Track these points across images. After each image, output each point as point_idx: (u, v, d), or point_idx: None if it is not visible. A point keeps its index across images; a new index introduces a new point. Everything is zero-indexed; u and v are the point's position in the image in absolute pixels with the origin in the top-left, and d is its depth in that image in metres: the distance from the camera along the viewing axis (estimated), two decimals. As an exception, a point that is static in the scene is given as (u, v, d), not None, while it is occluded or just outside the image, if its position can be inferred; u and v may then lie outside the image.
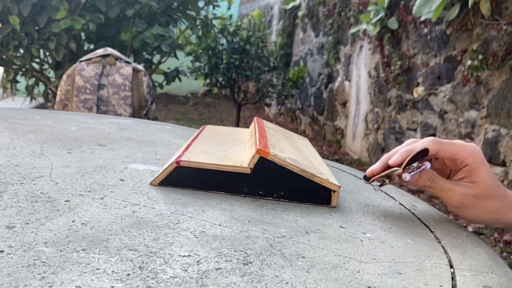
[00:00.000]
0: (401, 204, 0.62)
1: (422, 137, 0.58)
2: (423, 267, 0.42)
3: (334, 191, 0.55)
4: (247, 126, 4.98)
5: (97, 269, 0.35)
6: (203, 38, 4.37)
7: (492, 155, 2.51)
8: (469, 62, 2.59)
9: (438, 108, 3.00)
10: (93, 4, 3.52)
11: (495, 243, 2.28)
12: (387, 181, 0.56)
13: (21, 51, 3.69)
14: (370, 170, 0.55)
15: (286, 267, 0.39)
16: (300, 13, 5.26)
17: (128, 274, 0.34)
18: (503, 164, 2.44)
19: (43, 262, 0.35)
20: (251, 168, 0.55)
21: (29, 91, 3.94)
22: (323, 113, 4.80)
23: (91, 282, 0.33)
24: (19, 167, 0.58)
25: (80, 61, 2.30)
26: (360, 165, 3.81)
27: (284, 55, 5.54)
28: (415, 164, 0.52)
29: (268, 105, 6.47)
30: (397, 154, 0.53)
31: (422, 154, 0.52)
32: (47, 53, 3.76)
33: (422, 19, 2.86)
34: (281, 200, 0.56)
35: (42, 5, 3.36)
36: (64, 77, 2.29)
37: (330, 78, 4.64)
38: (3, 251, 0.36)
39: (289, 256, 0.41)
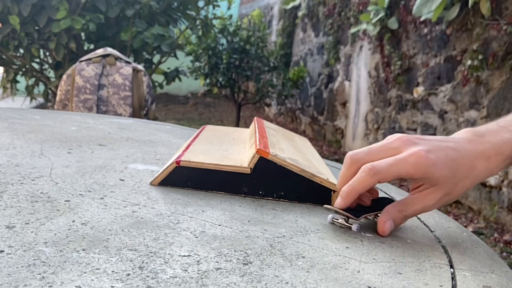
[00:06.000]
0: (401, 204, 0.61)
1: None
2: (423, 267, 0.42)
3: (334, 191, 0.55)
4: (247, 126, 4.98)
5: (97, 269, 0.35)
6: (203, 38, 4.36)
7: (492, 155, 2.50)
8: (469, 62, 2.59)
9: (438, 108, 3.00)
10: (93, 4, 3.51)
11: (495, 243, 2.28)
12: (341, 220, 0.49)
13: (21, 51, 3.68)
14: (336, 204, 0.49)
15: (286, 267, 0.39)
16: (300, 13, 5.26)
17: (128, 274, 0.34)
18: (503, 164, 2.44)
19: (43, 262, 0.35)
20: (251, 168, 0.55)
21: (29, 91, 3.93)
22: (323, 113, 4.80)
23: (91, 282, 0.33)
24: (19, 167, 0.58)
25: (80, 61, 2.30)
26: (360, 165, 3.80)
27: (284, 55, 5.53)
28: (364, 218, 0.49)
29: (268, 105, 6.47)
30: (339, 197, 0.48)
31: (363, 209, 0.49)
32: (47, 53, 3.76)
33: (422, 19, 2.86)
34: (281, 200, 0.56)
35: (42, 5, 3.36)
36: (64, 77, 2.29)
37: (330, 78, 4.64)
38: (3, 251, 0.36)
39: (289, 256, 0.41)
